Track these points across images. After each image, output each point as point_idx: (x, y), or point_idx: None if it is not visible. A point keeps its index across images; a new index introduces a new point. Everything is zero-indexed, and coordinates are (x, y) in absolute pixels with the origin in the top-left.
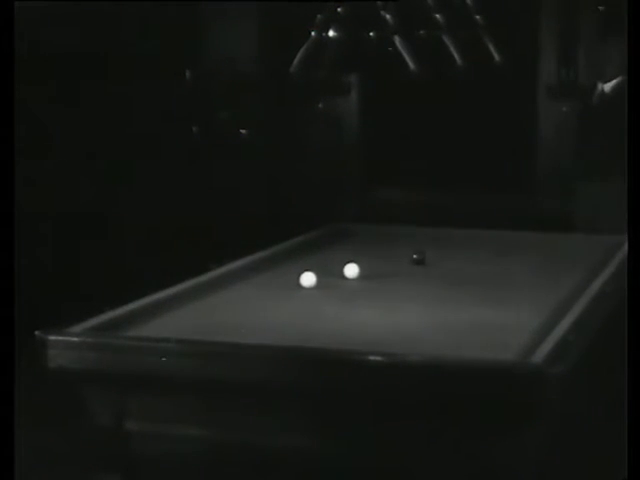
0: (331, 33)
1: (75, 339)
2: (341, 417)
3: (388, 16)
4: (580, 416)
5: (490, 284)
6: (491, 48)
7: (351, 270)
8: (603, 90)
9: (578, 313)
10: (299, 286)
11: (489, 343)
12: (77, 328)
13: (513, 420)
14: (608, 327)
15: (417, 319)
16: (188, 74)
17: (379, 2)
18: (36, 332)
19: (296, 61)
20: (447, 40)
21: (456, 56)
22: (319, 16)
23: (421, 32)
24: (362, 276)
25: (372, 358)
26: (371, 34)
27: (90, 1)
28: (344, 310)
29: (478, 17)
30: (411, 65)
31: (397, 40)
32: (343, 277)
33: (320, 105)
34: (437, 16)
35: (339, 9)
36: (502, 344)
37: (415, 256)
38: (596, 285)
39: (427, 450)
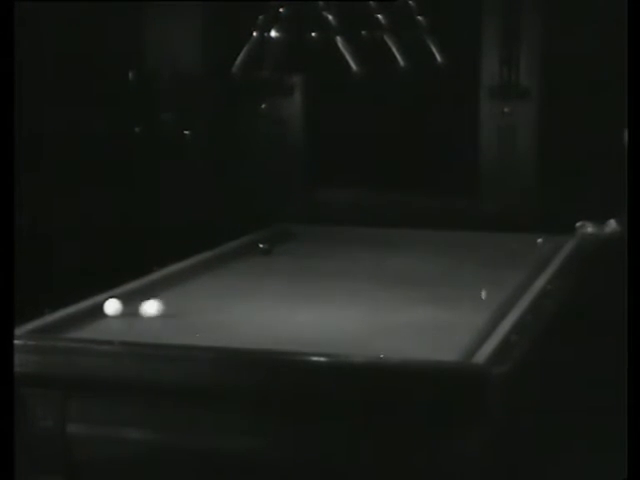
0: (273, 34)
1: (16, 342)
2: (283, 419)
3: (330, 17)
4: (524, 415)
5: (433, 284)
6: (433, 49)
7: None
8: (615, 226)
9: (520, 313)
10: (238, 287)
11: (432, 344)
12: (17, 331)
13: (456, 421)
14: (551, 326)
15: (360, 320)
16: (131, 75)
17: (321, 3)
18: None
19: (239, 61)
20: (390, 41)
21: (398, 57)
22: (261, 17)
23: (363, 33)
24: (304, 278)
25: (315, 360)
26: (313, 35)
27: (35, 1)
28: (287, 311)
29: (420, 18)
30: (354, 66)
31: (339, 41)
32: (286, 277)
33: (263, 106)
34: (379, 17)
35: (281, 10)
36: (445, 345)
37: (261, 246)
38: (538, 284)
39: (371, 451)
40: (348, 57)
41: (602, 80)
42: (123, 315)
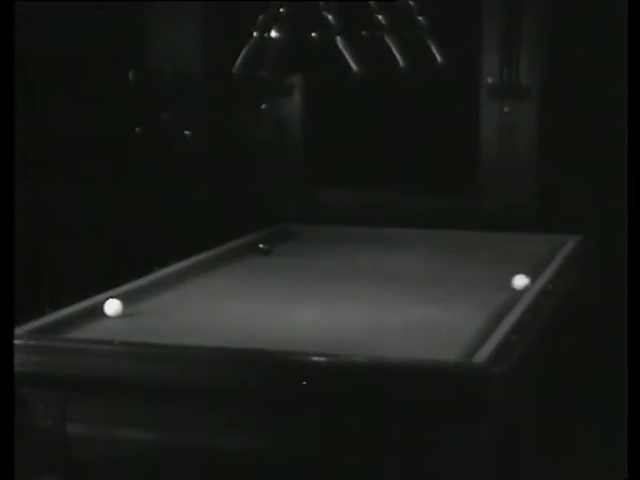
0: (273, 34)
1: (16, 342)
2: (283, 418)
3: (330, 17)
4: (524, 415)
5: (433, 284)
6: (433, 49)
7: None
8: None
9: (521, 312)
10: (238, 287)
11: (432, 343)
12: (17, 331)
13: (457, 420)
14: (551, 326)
15: (360, 320)
16: (131, 75)
17: (321, 3)
18: None
19: (239, 62)
20: (390, 41)
21: (398, 57)
22: (261, 17)
23: (364, 33)
24: (304, 277)
25: (315, 360)
26: (313, 35)
27: (35, 1)
28: (287, 311)
29: (420, 18)
30: (354, 66)
31: (339, 41)
32: (286, 277)
33: (263, 106)
34: (379, 17)
35: (281, 10)
36: (445, 344)
37: (261, 246)
38: (539, 284)
39: (373, 450)
40: (348, 57)
41: (602, 80)
42: (123, 315)
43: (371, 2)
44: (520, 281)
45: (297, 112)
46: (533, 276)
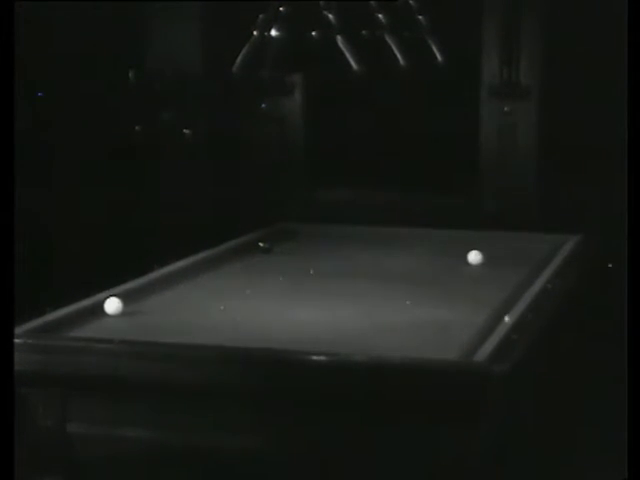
0: (273, 33)
1: (16, 341)
2: (283, 418)
3: (331, 16)
4: (524, 414)
5: (433, 283)
6: (434, 48)
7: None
8: None
9: (521, 311)
10: (238, 286)
11: (432, 342)
12: (18, 330)
13: (457, 419)
14: (551, 325)
15: (360, 319)
16: (131, 74)
17: (322, 2)
18: None
19: (239, 61)
20: (390, 40)
21: (399, 56)
22: (261, 16)
23: (364, 32)
24: (304, 276)
25: (315, 359)
26: (314, 34)
27: (35, 1)
28: (287, 310)
29: (420, 18)
30: (354, 65)
31: (340, 40)
32: (286, 276)
33: (263, 105)
34: (380, 16)
35: (281, 9)
36: (445, 343)
37: (262, 244)
38: (539, 283)
39: (372, 449)
40: (348, 56)
41: (602, 80)
42: (123, 314)
43: (371, 1)
44: (475, 257)
45: (297, 111)
46: (533, 276)
